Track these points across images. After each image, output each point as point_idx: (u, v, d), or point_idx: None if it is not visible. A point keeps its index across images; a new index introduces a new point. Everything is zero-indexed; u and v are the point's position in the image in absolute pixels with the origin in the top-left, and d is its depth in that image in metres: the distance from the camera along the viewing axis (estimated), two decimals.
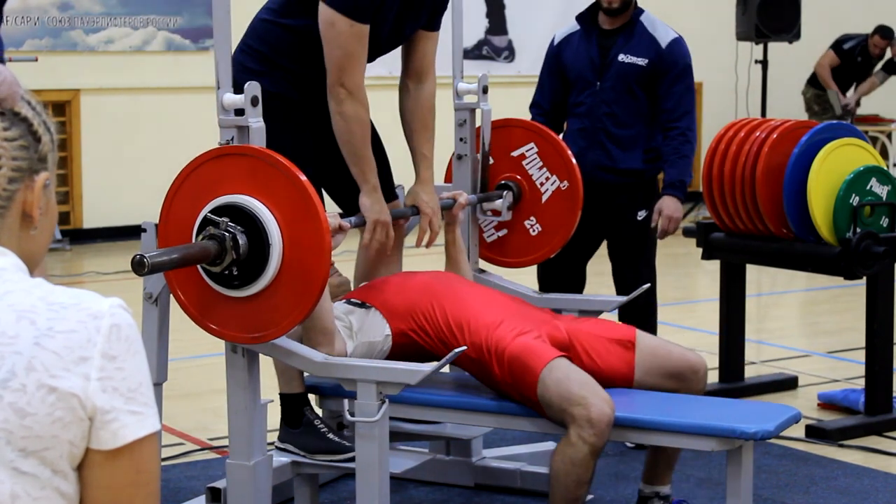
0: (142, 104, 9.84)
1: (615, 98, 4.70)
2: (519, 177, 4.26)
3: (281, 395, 3.69)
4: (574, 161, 4.24)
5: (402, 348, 3.54)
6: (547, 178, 4.24)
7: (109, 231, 9.57)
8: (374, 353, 3.53)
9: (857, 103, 11.29)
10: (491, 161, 4.26)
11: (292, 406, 3.67)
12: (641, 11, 4.78)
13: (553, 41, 4.90)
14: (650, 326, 4.69)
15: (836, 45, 11.14)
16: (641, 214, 4.77)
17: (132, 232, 3.40)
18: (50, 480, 1.39)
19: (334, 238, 3.36)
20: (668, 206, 4.69)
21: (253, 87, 3.18)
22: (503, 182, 4.26)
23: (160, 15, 9.95)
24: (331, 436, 3.60)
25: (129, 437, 1.41)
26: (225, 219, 3.06)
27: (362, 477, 3.29)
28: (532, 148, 4.25)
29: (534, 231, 4.26)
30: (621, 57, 4.70)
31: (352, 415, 3.27)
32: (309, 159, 3.68)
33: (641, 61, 4.69)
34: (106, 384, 1.40)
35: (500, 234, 4.29)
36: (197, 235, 3.10)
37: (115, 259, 8.41)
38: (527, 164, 4.27)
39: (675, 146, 4.68)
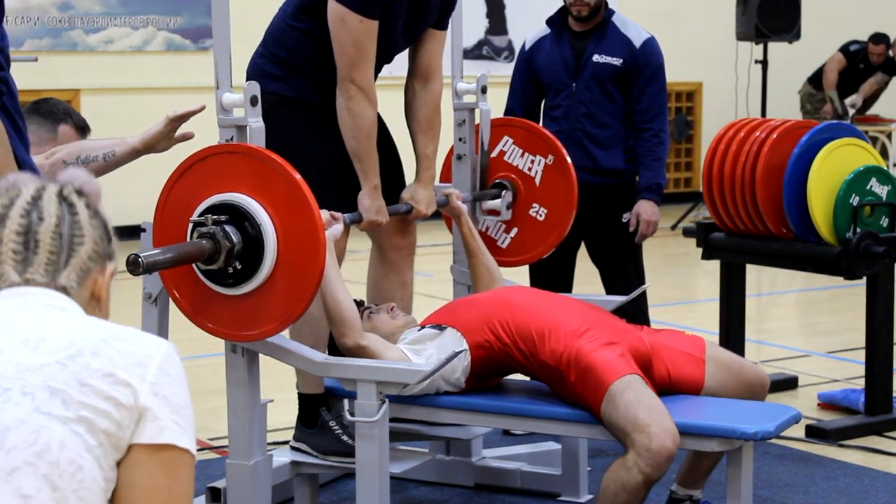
0: (142, 104, 9.83)
1: (592, 98, 4.72)
2: (510, 175, 4.27)
3: (299, 394, 3.69)
4: (548, 132, 4.28)
5: (483, 361, 3.51)
6: (532, 162, 4.26)
7: None
8: (457, 371, 3.48)
9: (864, 103, 11.32)
10: None
11: (309, 406, 3.67)
12: (612, 12, 4.81)
13: (524, 46, 4.91)
14: None
15: (844, 48, 11.18)
16: (626, 217, 4.79)
17: (132, 232, 3.39)
18: (92, 450, 1.56)
19: (331, 230, 3.35)
20: (646, 210, 4.73)
21: (252, 87, 3.18)
22: (497, 182, 4.28)
23: (160, 15, 9.95)
24: (345, 438, 3.59)
25: (173, 439, 1.59)
26: (219, 217, 3.06)
27: (362, 477, 3.29)
28: (507, 141, 4.28)
29: (541, 216, 4.27)
30: (595, 57, 4.72)
31: (352, 415, 3.27)
32: (332, 161, 3.68)
33: (616, 61, 4.71)
34: (157, 390, 1.60)
35: (512, 234, 4.30)
36: (192, 234, 3.10)
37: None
38: (509, 158, 4.29)
39: (650, 148, 4.72)
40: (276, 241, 3.06)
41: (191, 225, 3.09)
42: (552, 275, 4.75)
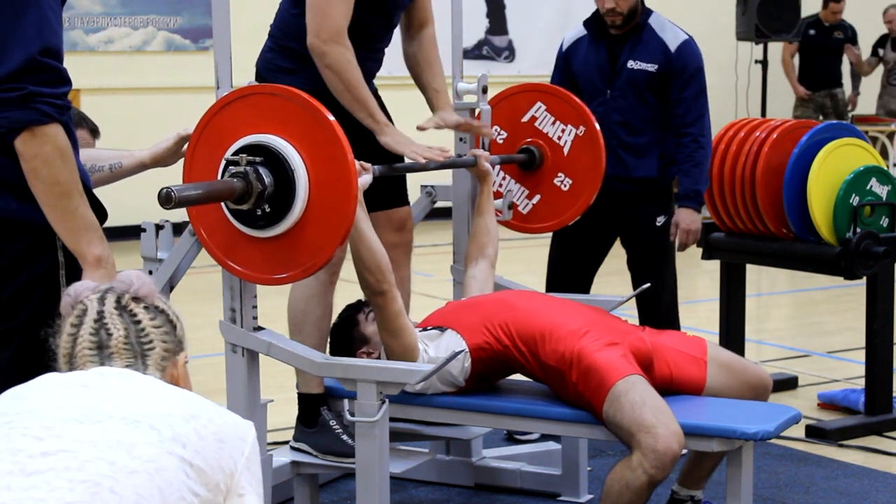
0: (142, 104, 9.84)
1: (627, 106, 4.60)
2: (538, 141, 4.26)
3: (299, 394, 3.69)
4: (581, 103, 4.25)
5: (484, 362, 3.51)
6: (563, 131, 4.23)
7: (109, 231, 9.50)
8: (456, 371, 3.49)
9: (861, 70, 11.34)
10: (505, 135, 4.29)
11: (309, 406, 3.66)
12: (650, 13, 4.67)
13: (562, 46, 4.80)
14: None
15: None
16: (660, 220, 4.67)
17: (132, 232, 3.40)
18: (196, 497, 1.75)
19: (361, 179, 3.32)
20: (685, 218, 4.60)
21: None
22: (524, 147, 4.26)
23: (160, 15, 9.95)
24: (345, 437, 3.59)
25: None
26: (253, 157, 3.02)
27: (362, 477, 3.28)
28: (540, 107, 4.26)
29: (565, 186, 4.25)
30: (630, 63, 4.60)
31: (352, 415, 3.27)
32: None
33: (651, 67, 4.59)
34: (249, 465, 1.83)
35: (534, 201, 4.29)
36: (223, 172, 3.06)
37: (115, 259, 8.40)
38: (539, 125, 4.26)
39: (688, 154, 4.55)
40: (308, 186, 3.03)
41: (223, 163, 3.06)
42: (573, 271, 4.71)
